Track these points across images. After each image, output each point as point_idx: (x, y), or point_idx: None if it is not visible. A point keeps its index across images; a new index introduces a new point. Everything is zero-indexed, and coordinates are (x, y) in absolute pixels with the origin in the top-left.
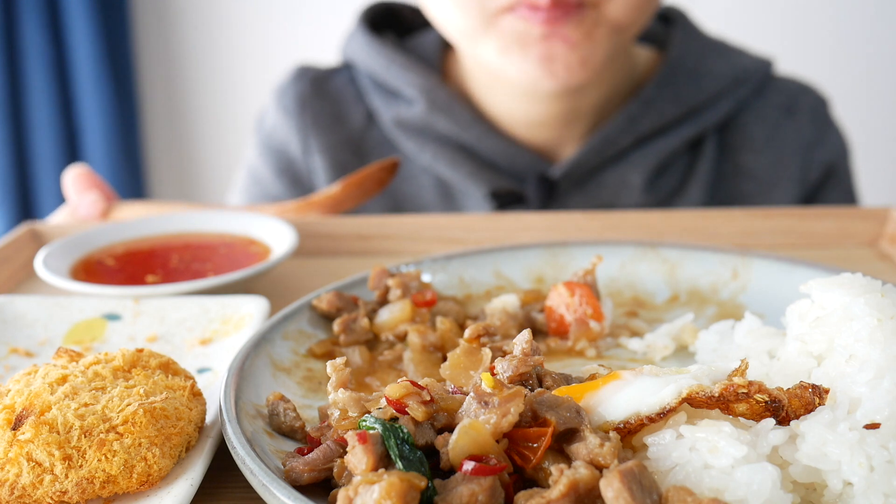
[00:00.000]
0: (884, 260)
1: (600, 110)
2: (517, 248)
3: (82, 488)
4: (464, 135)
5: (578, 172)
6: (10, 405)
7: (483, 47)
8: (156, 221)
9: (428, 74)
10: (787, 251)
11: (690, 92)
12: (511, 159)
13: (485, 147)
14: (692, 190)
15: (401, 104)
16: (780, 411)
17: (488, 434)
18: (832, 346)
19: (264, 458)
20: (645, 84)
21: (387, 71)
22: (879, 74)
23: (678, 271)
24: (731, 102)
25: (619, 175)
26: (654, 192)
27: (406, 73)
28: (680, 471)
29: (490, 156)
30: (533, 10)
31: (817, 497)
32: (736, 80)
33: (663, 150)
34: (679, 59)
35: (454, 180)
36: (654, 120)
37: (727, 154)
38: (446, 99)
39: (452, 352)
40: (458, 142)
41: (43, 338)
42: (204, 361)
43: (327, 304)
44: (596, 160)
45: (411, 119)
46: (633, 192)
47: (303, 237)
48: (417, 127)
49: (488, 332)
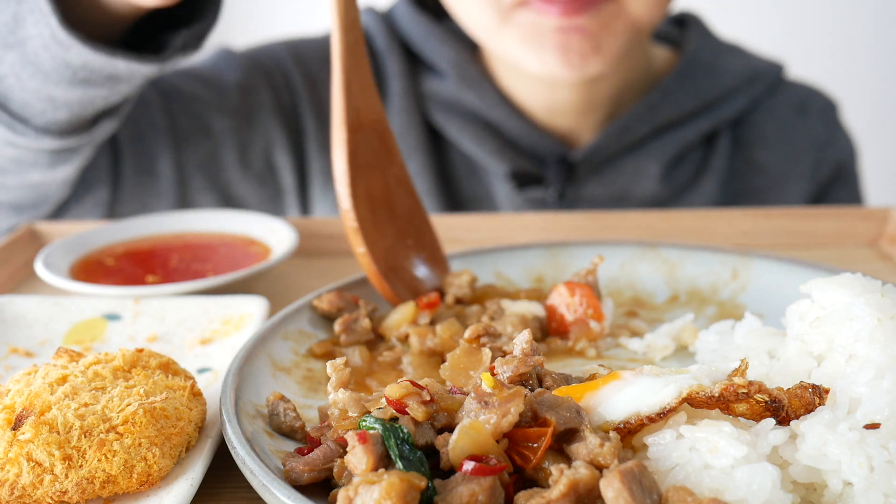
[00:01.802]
0: (884, 260)
1: (617, 101)
2: (517, 248)
3: (82, 488)
4: (490, 113)
5: (598, 157)
6: (10, 405)
7: (502, 41)
8: (156, 221)
9: (461, 50)
10: (787, 251)
11: (707, 86)
12: (533, 141)
13: (509, 127)
14: (706, 183)
15: (432, 77)
16: (780, 411)
17: (488, 434)
18: (832, 346)
19: (264, 458)
20: (662, 78)
21: (424, 42)
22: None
23: (678, 271)
24: (745, 99)
25: (636, 163)
26: (669, 182)
27: (442, 47)
28: (680, 471)
29: (513, 136)
30: (547, 2)
31: (817, 497)
32: (750, 78)
33: (679, 142)
34: (696, 55)
35: (477, 156)
36: (672, 110)
37: (740, 150)
38: (476, 76)
39: (452, 353)
40: (484, 119)
41: (43, 338)
42: (204, 361)
43: (328, 304)
44: (615, 146)
45: (441, 92)
46: (649, 181)
47: (303, 237)
48: (447, 101)
49: (488, 333)
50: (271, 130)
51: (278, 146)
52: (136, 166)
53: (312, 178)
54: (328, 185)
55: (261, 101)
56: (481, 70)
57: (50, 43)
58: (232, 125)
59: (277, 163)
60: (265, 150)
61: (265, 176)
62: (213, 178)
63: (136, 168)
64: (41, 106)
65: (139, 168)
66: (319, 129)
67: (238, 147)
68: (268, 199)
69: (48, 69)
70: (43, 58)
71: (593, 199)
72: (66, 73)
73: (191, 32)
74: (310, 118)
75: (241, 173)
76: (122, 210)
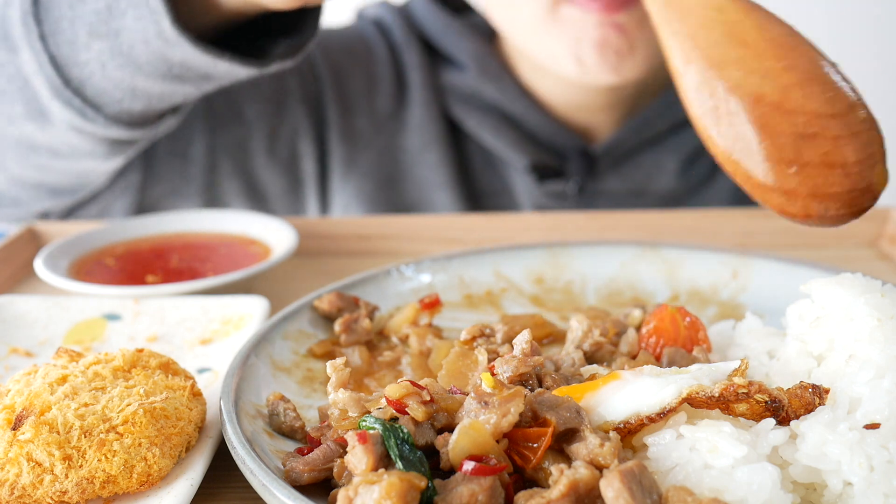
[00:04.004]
0: (884, 260)
1: (636, 100)
2: (517, 248)
3: (82, 488)
4: (510, 106)
5: (618, 151)
6: (10, 405)
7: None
8: (156, 221)
9: (481, 43)
10: (787, 251)
11: None
12: (552, 135)
13: (528, 120)
14: (722, 180)
15: (451, 70)
16: (780, 411)
17: (488, 434)
18: (832, 346)
19: (264, 458)
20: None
21: (443, 35)
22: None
23: (678, 271)
24: None
25: (655, 157)
26: (686, 177)
27: (461, 40)
28: (680, 471)
29: (533, 129)
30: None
31: (817, 497)
32: None
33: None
34: None
35: (497, 148)
36: None
37: None
38: (497, 69)
39: (447, 358)
40: (504, 112)
41: (43, 338)
42: (204, 361)
43: (328, 304)
44: (635, 140)
45: (460, 85)
46: (667, 176)
47: (303, 237)
48: (466, 94)
49: (484, 334)
50: (298, 118)
51: (303, 134)
52: (170, 149)
53: (333, 168)
54: (348, 176)
55: (289, 87)
56: (501, 63)
57: (153, 38)
58: (264, 111)
59: (301, 151)
60: (292, 137)
61: (289, 163)
62: (241, 164)
63: (169, 151)
64: (119, 95)
65: (173, 151)
66: (342, 118)
67: (267, 134)
68: (290, 186)
69: (142, 62)
70: (139, 51)
71: (612, 194)
72: (162, 68)
73: (292, 42)
74: (333, 108)
75: (268, 160)
76: (151, 193)
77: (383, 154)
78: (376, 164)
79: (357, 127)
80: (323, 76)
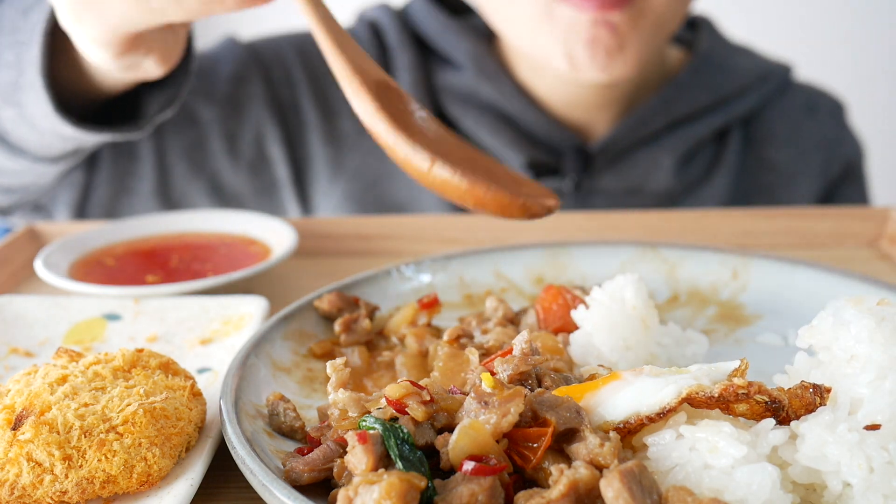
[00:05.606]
0: (884, 260)
1: (632, 98)
2: (517, 248)
3: (82, 488)
4: (507, 105)
5: (614, 149)
6: (10, 405)
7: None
8: (156, 221)
9: (478, 43)
10: (787, 251)
11: (719, 82)
12: (549, 133)
13: (525, 119)
14: (718, 178)
15: (447, 70)
16: (780, 411)
17: (488, 434)
18: (833, 346)
19: (264, 458)
20: (675, 75)
21: (441, 36)
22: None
23: (678, 271)
24: (756, 97)
25: (651, 156)
26: (682, 176)
27: (459, 40)
28: (680, 471)
29: (529, 127)
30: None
31: (817, 498)
32: (761, 77)
33: (693, 137)
34: (708, 53)
35: (493, 147)
36: (687, 105)
37: (751, 147)
38: (494, 69)
39: (436, 362)
40: (501, 111)
41: (43, 338)
42: (204, 361)
43: (329, 304)
44: (631, 138)
45: (457, 85)
46: (663, 174)
47: (303, 237)
48: (462, 93)
49: (466, 334)
50: (262, 122)
51: (270, 138)
52: (114, 149)
53: (316, 171)
54: (336, 178)
55: (252, 91)
56: (499, 63)
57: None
58: (220, 113)
59: (270, 154)
60: (256, 140)
61: (257, 166)
62: (200, 166)
63: (113, 151)
64: (38, 146)
65: (117, 151)
66: (324, 121)
67: (226, 136)
68: (261, 189)
69: (45, 130)
70: (40, 122)
71: (608, 191)
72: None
73: (164, 95)
74: (312, 112)
75: (231, 162)
76: (98, 192)
77: (371, 155)
78: (364, 166)
79: (342, 129)
80: (299, 81)
